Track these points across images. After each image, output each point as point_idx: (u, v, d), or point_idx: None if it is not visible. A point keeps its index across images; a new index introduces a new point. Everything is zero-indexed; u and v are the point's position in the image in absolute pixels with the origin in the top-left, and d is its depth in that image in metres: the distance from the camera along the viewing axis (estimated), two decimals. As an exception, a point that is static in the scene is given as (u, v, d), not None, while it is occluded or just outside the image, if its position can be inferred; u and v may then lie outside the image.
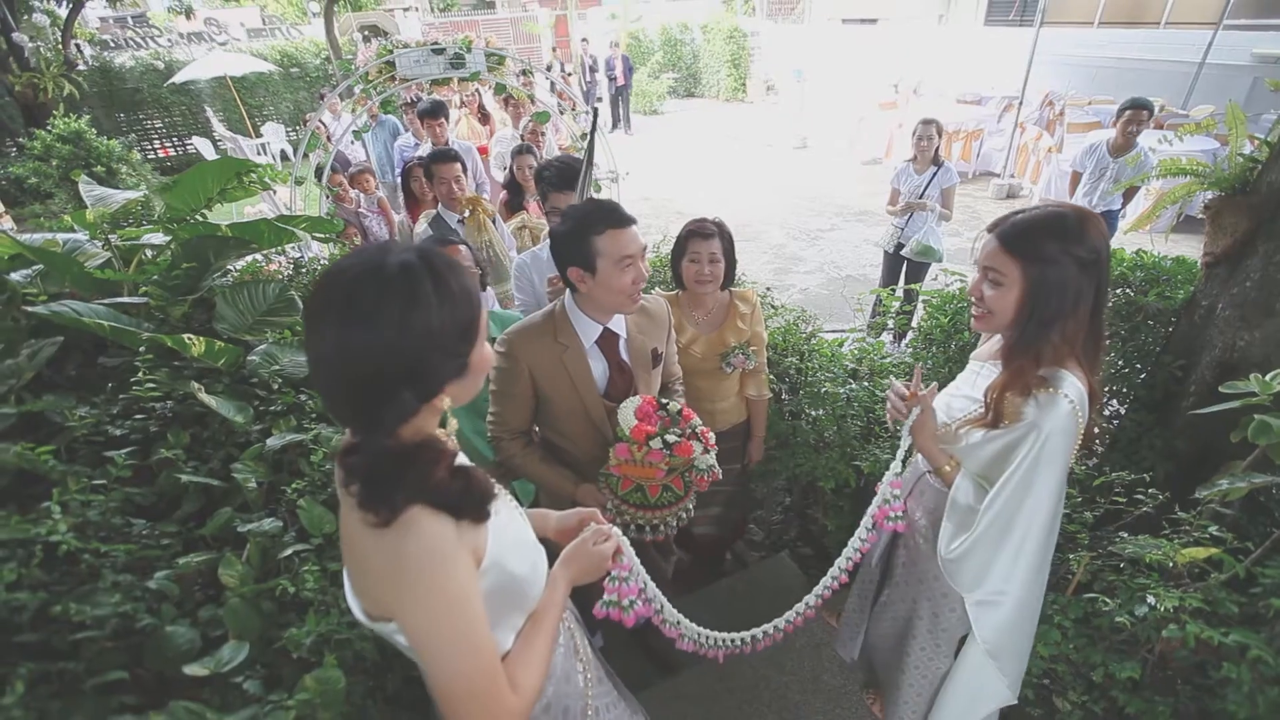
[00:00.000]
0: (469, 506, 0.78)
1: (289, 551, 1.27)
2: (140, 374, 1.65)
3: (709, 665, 2.16)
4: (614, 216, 1.45)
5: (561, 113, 4.70)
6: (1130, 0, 8.58)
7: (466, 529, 0.80)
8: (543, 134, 4.53)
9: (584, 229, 1.44)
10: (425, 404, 0.74)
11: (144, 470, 1.54)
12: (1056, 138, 7.77)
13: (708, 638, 1.44)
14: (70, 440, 1.56)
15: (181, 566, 1.22)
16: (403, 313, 0.70)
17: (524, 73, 4.72)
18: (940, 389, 1.57)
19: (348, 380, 0.70)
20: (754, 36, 15.47)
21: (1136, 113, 4.05)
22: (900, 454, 1.51)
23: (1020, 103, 7.92)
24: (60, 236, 2.25)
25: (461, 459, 0.83)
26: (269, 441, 1.57)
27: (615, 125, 13.74)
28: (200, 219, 2.46)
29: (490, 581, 0.85)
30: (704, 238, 2.04)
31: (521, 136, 4.42)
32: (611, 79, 13.37)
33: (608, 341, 1.61)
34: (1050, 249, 1.16)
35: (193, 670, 1.03)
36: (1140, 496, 1.61)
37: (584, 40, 14.28)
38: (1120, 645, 1.48)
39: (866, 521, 1.51)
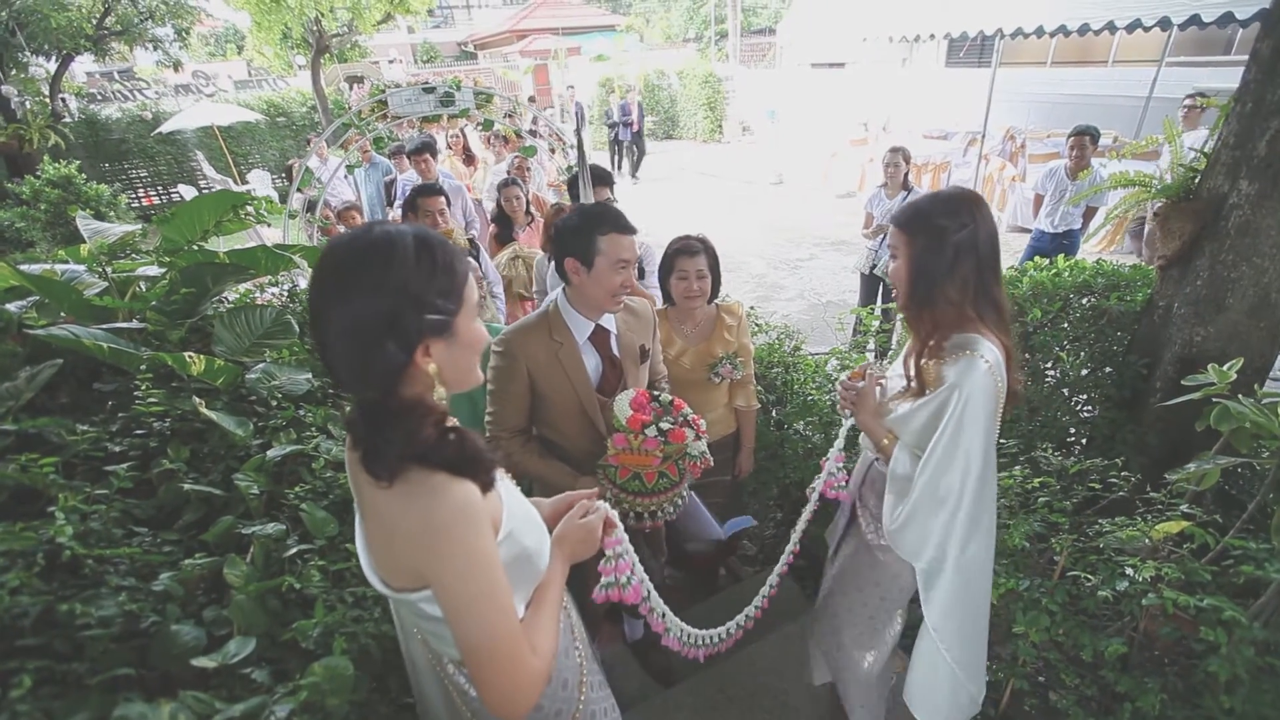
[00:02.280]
0: (469, 466, 0.83)
1: (292, 551, 1.28)
2: (143, 389, 1.67)
3: (708, 675, 2.16)
4: (619, 223, 1.56)
5: (553, 151, 4.88)
6: (1079, 43, 9.17)
7: (486, 498, 0.85)
8: (529, 169, 4.68)
9: (590, 227, 1.54)
10: (409, 356, 0.79)
11: (144, 484, 1.55)
12: (1020, 168, 8.16)
13: (690, 635, 1.48)
14: (70, 457, 1.57)
15: (185, 569, 1.23)
16: (383, 265, 0.76)
17: (509, 115, 4.91)
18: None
19: (338, 336, 0.76)
20: (728, 81, 16.16)
21: (1080, 139, 4.40)
22: (843, 432, 1.66)
23: (983, 136, 8.33)
24: (58, 267, 2.29)
25: (454, 421, 0.87)
26: (269, 452, 1.60)
27: (634, 170, 12.73)
28: (197, 249, 2.51)
29: (506, 552, 0.89)
30: (690, 254, 2.13)
31: (508, 171, 4.58)
32: (626, 124, 12.36)
33: (600, 337, 1.69)
34: (926, 221, 1.30)
35: (200, 663, 1.04)
36: (1114, 480, 1.68)
37: (570, 87, 14.19)
38: (1105, 623, 1.53)
39: (813, 496, 1.64)
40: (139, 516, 1.43)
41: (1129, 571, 1.39)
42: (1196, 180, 2.11)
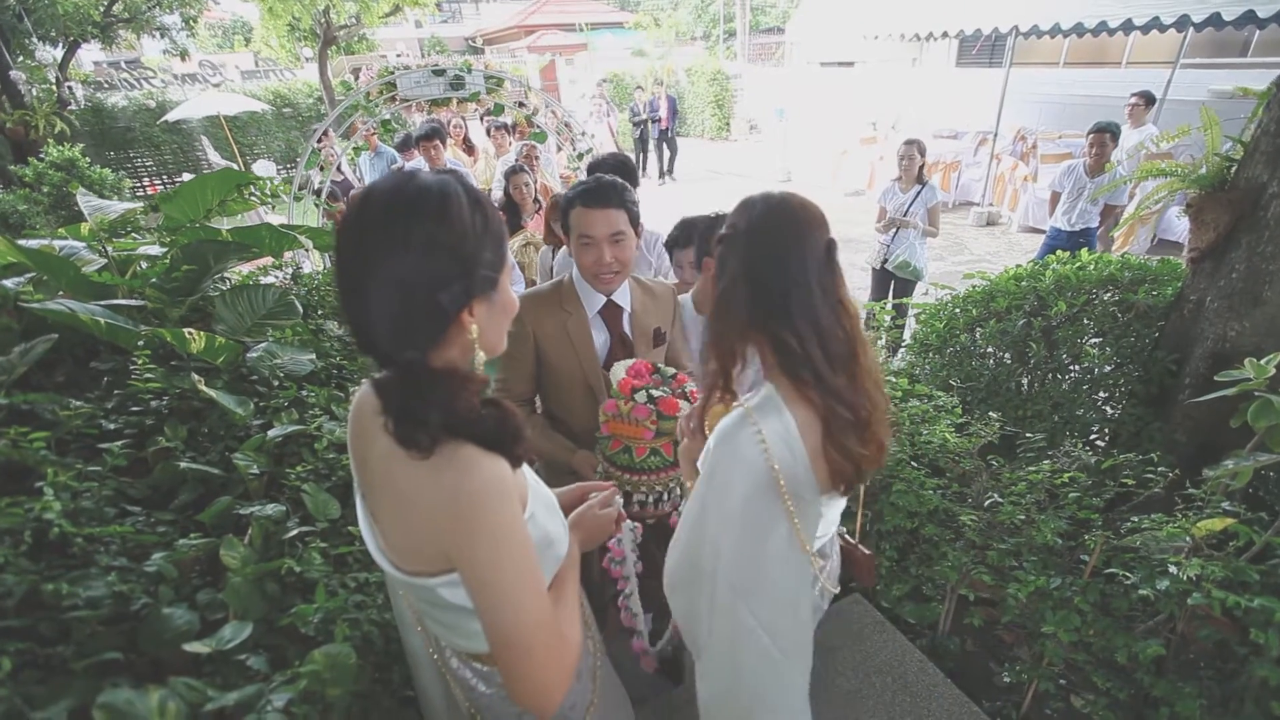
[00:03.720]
0: (506, 440, 0.76)
1: (293, 533, 1.22)
2: (140, 364, 1.61)
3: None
4: (589, 195, 1.51)
5: (559, 148, 4.80)
6: (1092, 43, 9.08)
7: (515, 475, 0.79)
8: (537, 157, 4.62)
9: (570, 200, 1.54)
10: (458, 313, 0.73)
11: (139, 463, 1.49)
12: (1031, 167, 8.07)
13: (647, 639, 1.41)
14: (63, 434, 1.50)
15: (180, 550, 1.17)
16: (439, 215, 0.70)
17: (520, 104, 4.85)
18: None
19: (382, 288, 0.69)
20: (736, 79, 16.07)
21: (1100, 135, 4.30)
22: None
23: (995, 136, 8.25)
24: (56, 244, 2.23)
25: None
26: (270, 432, 1.53)
27: (661, 175, 11.76)
28: (199, 226, 2.45)
29: (531, 534, 0.82)
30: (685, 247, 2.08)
31: (516, 158, 4.51)
32: (655, 121, 11.35)
33: (611, 313, 1.65)
34: (720, 234, 1.04)
35: (193, 648, 0.97)
36: (1150, 476, 1.61)
37: (602, 82, 13.06)
38: (1134, 624, 1.46)
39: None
40: (132, 496, 1.37)
41: (1172, 570, 1.32)
42: (1233, 170, 2.03)
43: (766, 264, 0.95)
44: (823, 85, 13.77)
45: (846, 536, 1.44)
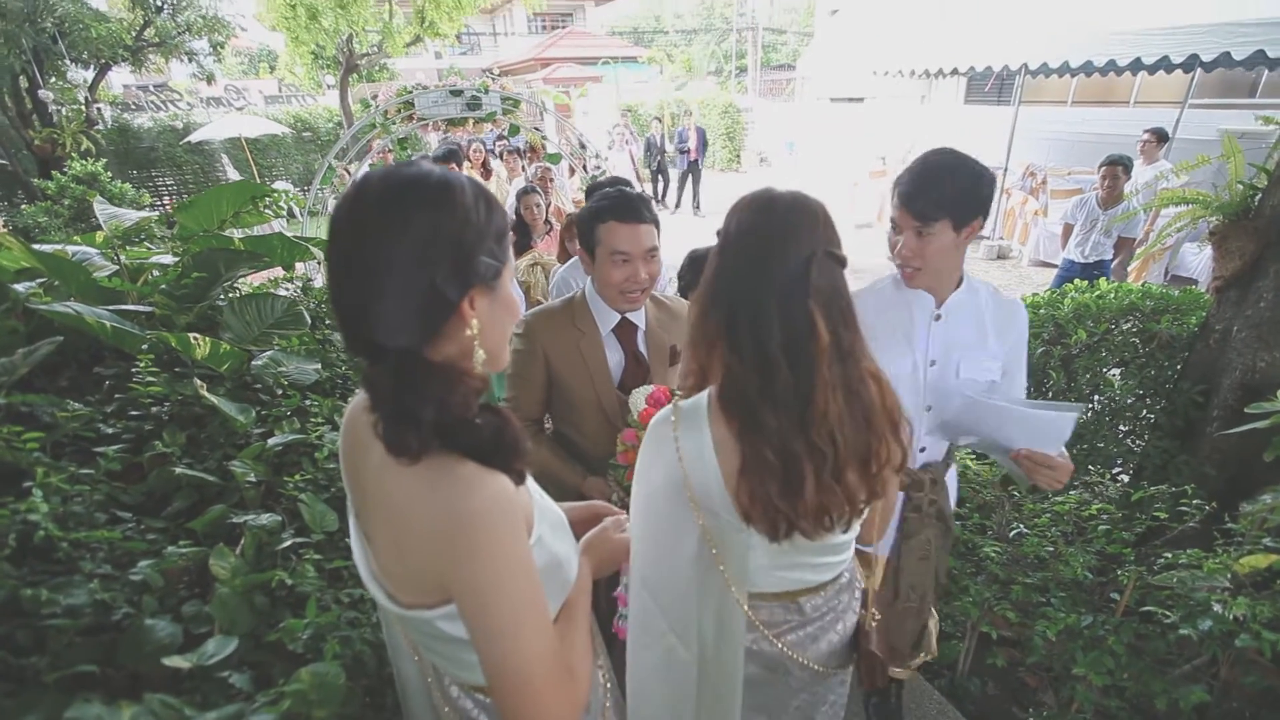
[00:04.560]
0: (504, 450, 0.70)
1: (287, 544, 1.17)
2: (142, 369, 1.58)
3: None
4: (621, 209, 1.45)
5: (572, 171, 4.84)
6: (1100, 82, 9.19)
7: (518, 493, 0.73)
8: (552, 179, 4.66)
9: (594, 215, 1.47)
10: (458, 299, 0.68)
11: (135, 468, 1.44)
12: (1041, 202, 8.10)
13: None
14: (59, 436, 1.47)
15: (168, 558, 1.12)
16: (440, 198, 0.66)
17: (536, 128, 4.92)
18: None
19: (378, 269, 0.64)
20: (747, 112, 16.36)
21: (1113, 168, 4.30)
22: None
23: (1005, 170, 8.30)
24: (70, 249, 2.23)
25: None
26: (271, 440, 1.49)
27: (683, 204, 11.56)
28: (212, 235, 2.46)
29: (538, 558, 0.76)
30: None
31: (529, 179, 4.55)
32: (683, 152, 11.13)
33: (625, 331, 1.60)
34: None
35: (172, 662, 0.92)
36: (1185, 509, 1.54)
37: (625, 113, 12.92)
38: (1170, 667, 1.37)
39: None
40: (125, 502, 1.32)
41: (1216, 609, 1.24)
42: (1257, 198, 2.00)
43: (723, 276, 0.88)
44: (832, 120, 13.99)
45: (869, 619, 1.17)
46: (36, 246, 2.18)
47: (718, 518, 0.92)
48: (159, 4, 9.11)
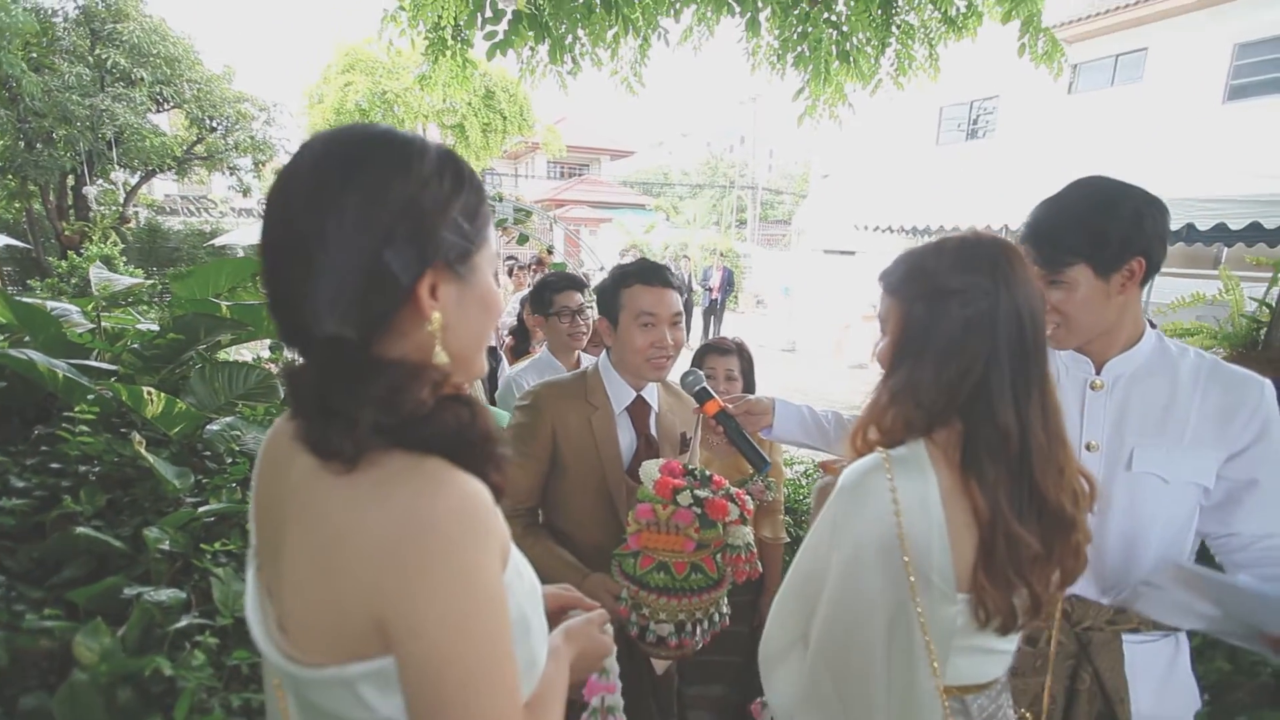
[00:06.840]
0: (477, 454, 0.55)
1: (182, 624, 0.95)
2: (77, 423, 1.43)
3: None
4: (647, 274, 1.42)
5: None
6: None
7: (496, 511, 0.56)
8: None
9: (618, 281, 1.42)
10: (411, 282, 0.55)
11: (38, 528, 1.24)
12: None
13: None
14: (-41, 487, 1.29)
15: (22, 633, 0.90)
16: (390, 160, 0.55)
17: (550, 250, 5.15)
18: None
19: (311, 242, 0.53)
20: (745, 257, 17.46)
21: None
22: None
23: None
24: (49, 304, 2.16)
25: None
26: (201, 509, 1.31)
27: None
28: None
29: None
30: (721, 354, 1.98)
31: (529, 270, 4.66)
32: (707, 289, 11.60)
33: (639, 411, 1.49)
34: (911, 277, 0.90)
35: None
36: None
37: (632, 247, 13.62)
38: None
39: None
40: (6, 565, 1.11)
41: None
42: (1264, 332, 1.98)
43: (1001, 330, 0.79)
44: (825, 269, 14.85)
45: None
46: (17, 298, 2.12)
47: (929, 585, 0.78)
48: (214, 125, 10.02)
